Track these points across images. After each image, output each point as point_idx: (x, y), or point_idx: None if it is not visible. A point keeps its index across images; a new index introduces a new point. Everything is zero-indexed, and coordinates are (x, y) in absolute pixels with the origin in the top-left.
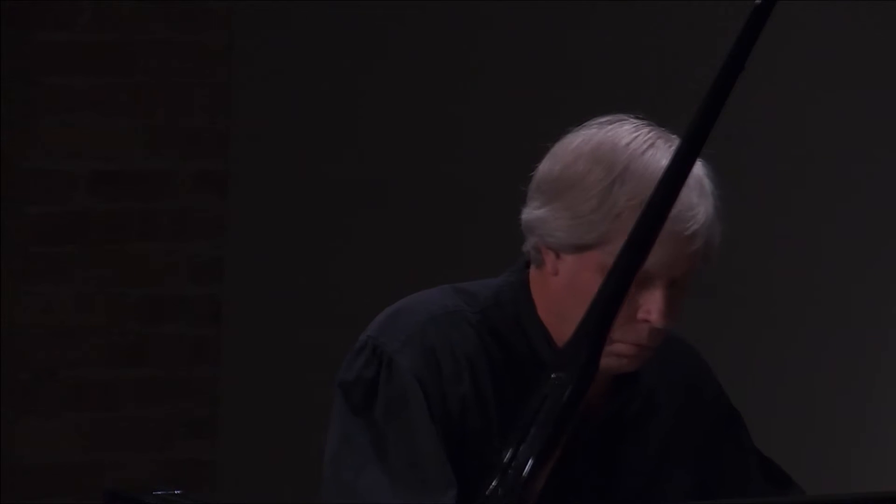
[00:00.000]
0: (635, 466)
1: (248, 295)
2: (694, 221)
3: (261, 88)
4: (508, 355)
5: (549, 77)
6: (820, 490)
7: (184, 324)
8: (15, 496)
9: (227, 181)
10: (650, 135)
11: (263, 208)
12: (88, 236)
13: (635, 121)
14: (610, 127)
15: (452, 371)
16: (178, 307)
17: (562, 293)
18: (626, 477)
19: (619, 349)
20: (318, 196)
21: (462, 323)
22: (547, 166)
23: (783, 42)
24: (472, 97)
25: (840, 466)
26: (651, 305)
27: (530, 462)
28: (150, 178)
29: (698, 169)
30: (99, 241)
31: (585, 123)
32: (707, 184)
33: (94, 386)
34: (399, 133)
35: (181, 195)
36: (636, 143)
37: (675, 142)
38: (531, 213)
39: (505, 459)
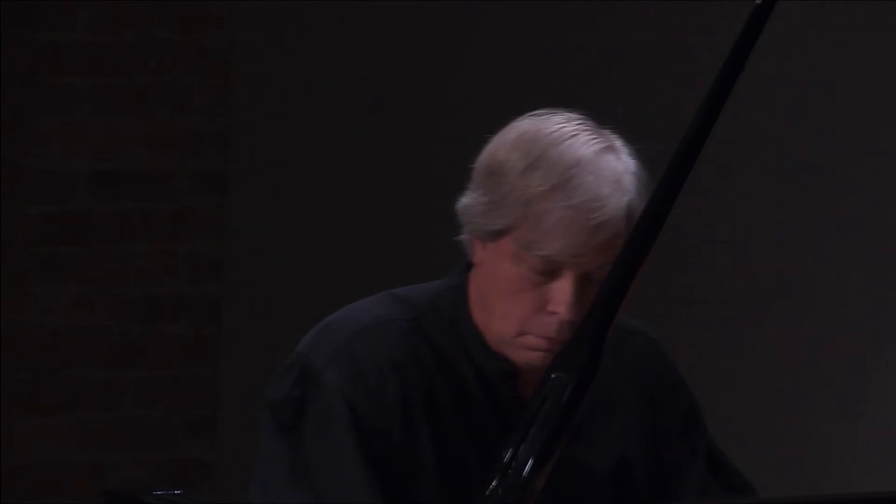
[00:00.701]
0: (588, 463)
1: (248, 295)
2: (601, 213)
3: (261, 88)
4: (443, 361)
5: (550, 77)
6: (820, 490)
7: (184, 324)
8: (15, 496)
9: (227, 181)
10: (576, 126)
11: (263, 208)
12: (88, 236)
13: (570, 114)
14: (542, 117)
15: (379, 382)
16: (178, 307)
17: (485, 283)
18: (579, 474)
19: (529, 342)
20: (318, 196)
21: (393, 332)
22: (480, 156)
23: (783, 42)
24: (473, 97)
25: (840, 466)
26: (559, 298)
27: (530, 462)
28: (150, 178)
29: (621, 164)
30: (99, 241)
31: (526, 114)
32: (629, 181)
33: (94, 386)
34: (399, 133)
35: (181, 195)
36: (558, 133)
37: (604, 137)
38: (463, 202)
39: (505, 459)
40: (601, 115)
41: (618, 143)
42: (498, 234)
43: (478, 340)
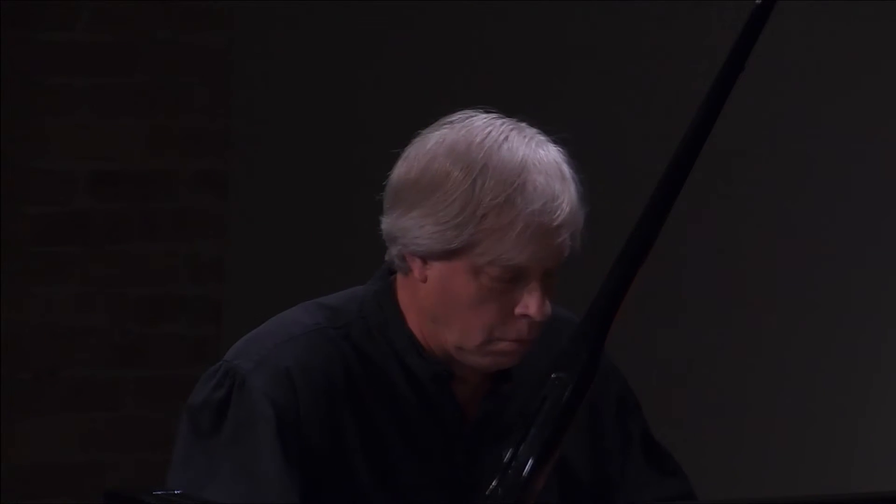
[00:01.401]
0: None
1: (248, 295)
2: (560, 211)
3: (261, 88)
4: (374, 369)
5: (549, 77)
6: (820, 490)
7: (184, 324)
8: (15, 496)
9: (227, 181)
10: (503, 127)
11: (263, 208)
12: (88, 236)
13: (485, 115)
14: (461, 125)
15: (308, 391)
16: (178, 307)
17: (433, 298)
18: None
19: (501, 347)
20: (318, 196)
21: (321, 341)
22: (402, 171)
23: (783, 42)
24: (473, 97)
25: (840, 466)
26: (529, 300)
27: (530, 462)
28: (150, 178)
29: (555, 155)
30: (99, 241)
31: (435, 123)
32: (566, 169)
33: (94, 386)
34: (399, 133)
35: (181, 195)
36: (490, 138)
37: (528, 131)
38: (393, 222)
39: (505, 459)
40: (601, 115)
41: (537, 133)
42: (450, 253)
43: (411, 346)
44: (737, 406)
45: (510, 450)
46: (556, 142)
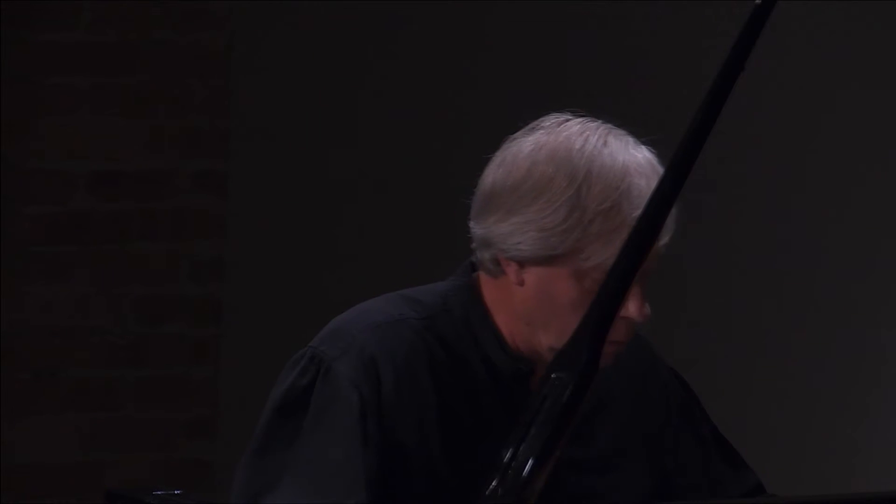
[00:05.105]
0: (584, 464)
1: (248, 295)
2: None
3: (261, 88)
4: (457, 361)
5: (549, 77)
6: (820, 490)
7: (184, 324)
8: (15, 496)
9: (227, 181)
10: (599, 131)
11: (263, 208)
12: (88, 236)
13: (577, 118)
14: (557, 130)
15: (393, 380)
16: (178, 307)
17: (532, 302)
18: (576, 475)
19: (605, 348)
20: (318, 196)
21: (406, 330)
22: (499, 177)
23: (783, 42)
24: (473, 97)
25: (840, 466)
26: (630, 303)
27: (530, 462)
28: (150, 178)
29: (649, 156)
30: (99, 241)
31: (526, 128)
32: (660, 169)
33: (94, 386)
34: (399, 133)
35: (181, 195)
36: (590, 143)
37: (622, 134)
38: (490, 227)
39: (505, 459)
40: (600, 115)
41: (626, 134)
42: (554, 259)
43: (495, 340)
44: (737, 406)
45: (510, 450)
46: (646, 143)
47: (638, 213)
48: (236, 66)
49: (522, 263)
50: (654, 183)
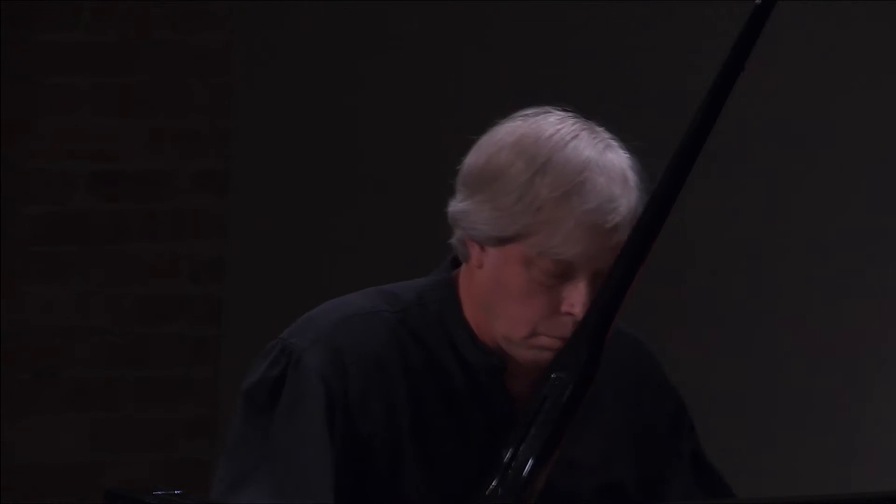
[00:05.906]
0: (574, 462)
1: (248, 295)
2: (615, 214)
3: (261, 88)
4: (428, 356)
5: (549, 77)
6: (820, 490)
7: (184, 324)
8: (15, 496)
9: (227, 181)
10: (574, 126)
11: (263, 208)
12: (88, 236)
13: (561, 112)
14: (535, 119)
15: (360, 373)
16: (178, 307)
17: (486, 286)
18: (565, 472)
19: (542, 342)
20: (318, 196)
21: (378, 323)
22: (472, 159)
23: (783, 42)
24: (473, 97)
25: (840, 466)
26: (575, 298)
27: (530, 462)
28: (150, 178)
29: (622, 161)
30: (99, 241)
31: (512, 115)
32: (631, 176)
33: (94, 386)
34: (399, 132)
35: (181, 195)
36: (559, 135)
37: (600, 134)
38: (456, 205)
39: (505, 459)
40: (600, 115)
41: (609, 137)
42: (504, 241)
43: (468, 336)
44: (737, 406)
45: (510, 450)
46: (628, 149)
47: (589, 206)
48: (236, 66)
49: (482, 245)
50: (616, 186)
